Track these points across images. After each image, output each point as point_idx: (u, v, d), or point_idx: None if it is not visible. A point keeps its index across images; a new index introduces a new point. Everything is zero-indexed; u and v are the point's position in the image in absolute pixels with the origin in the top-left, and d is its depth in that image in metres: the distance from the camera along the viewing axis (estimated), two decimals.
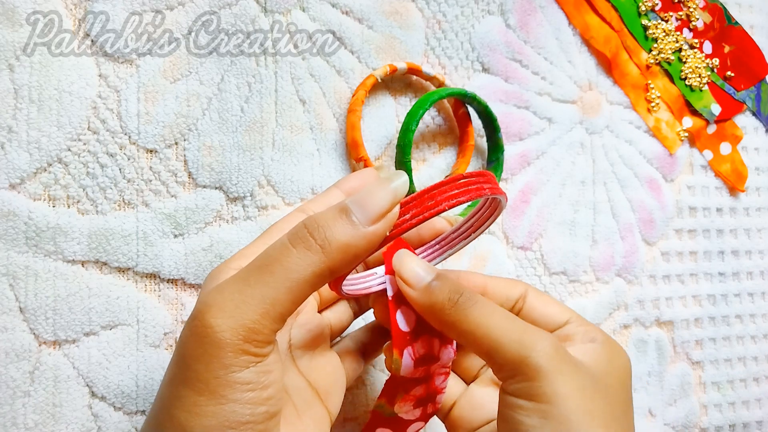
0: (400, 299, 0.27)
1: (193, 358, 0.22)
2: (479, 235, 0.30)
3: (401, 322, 0.27)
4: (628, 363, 0.29)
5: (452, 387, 0.32)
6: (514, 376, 0.24)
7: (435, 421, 0.42)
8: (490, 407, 0.31)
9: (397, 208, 0.25)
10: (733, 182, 0.54)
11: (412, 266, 0.26)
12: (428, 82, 0.43)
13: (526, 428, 0.23)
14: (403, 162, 0.39)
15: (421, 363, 0.28)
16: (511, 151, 0.45)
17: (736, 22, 0.55)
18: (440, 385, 0.30)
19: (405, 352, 0.27)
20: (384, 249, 0.28)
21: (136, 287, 0.36)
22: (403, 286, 0.26)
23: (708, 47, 0.54)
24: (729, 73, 0.55)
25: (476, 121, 0.44)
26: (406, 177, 0.25)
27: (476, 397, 0.32)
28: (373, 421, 0.31)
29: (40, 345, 0.34)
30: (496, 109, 0.44)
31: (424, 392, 0.30)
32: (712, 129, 0.54)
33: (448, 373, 0.30)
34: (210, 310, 0.22)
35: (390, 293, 0.27)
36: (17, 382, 0.33)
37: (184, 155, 0.37)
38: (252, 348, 0.22)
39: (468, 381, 0.33)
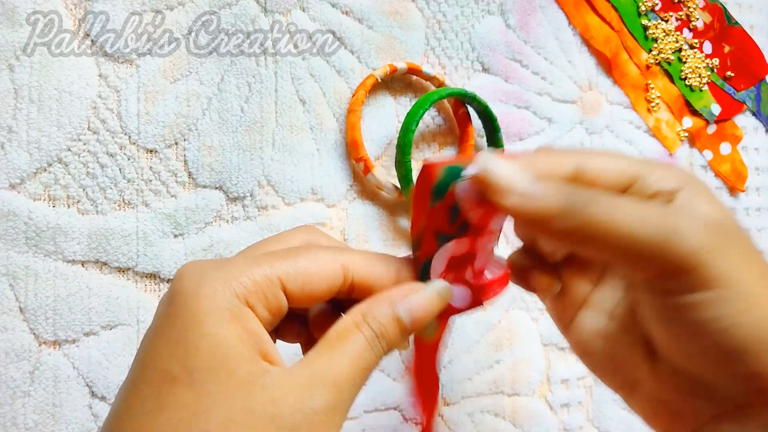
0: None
1: None
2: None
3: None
4: (709, 188, 0.24)
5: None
6: (665, 272, 0.21)
7: (436, 421, 0.42)
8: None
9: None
10: (733, 182, 0.54)
11: (506, 167, 0.21)
12: (428, 82, 0.43)
13: (711, 322, 0.20)
14: (403, 162, 0.39)
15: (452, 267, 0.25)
16: (511, 151, 0.45)
17: (736, 22, 0.55)
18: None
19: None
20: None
21: (136, 287, 0.36)
22: (494, 195, 0.22)
23: (708, 47, 0.54)
24: (729, 73, 0.55)
25: (476, 121, 0.44)
26: (450, 290, 0.24)
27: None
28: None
29: (40, 345, 0.34)
30: (496, 109, 0.44)
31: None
32: (712, 129, 0.54)
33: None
34: None
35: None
36: (17, 382, 0.33)
37: (184, 155, 0.37)
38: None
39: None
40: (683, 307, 0.21)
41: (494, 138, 0.44)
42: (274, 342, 0.26)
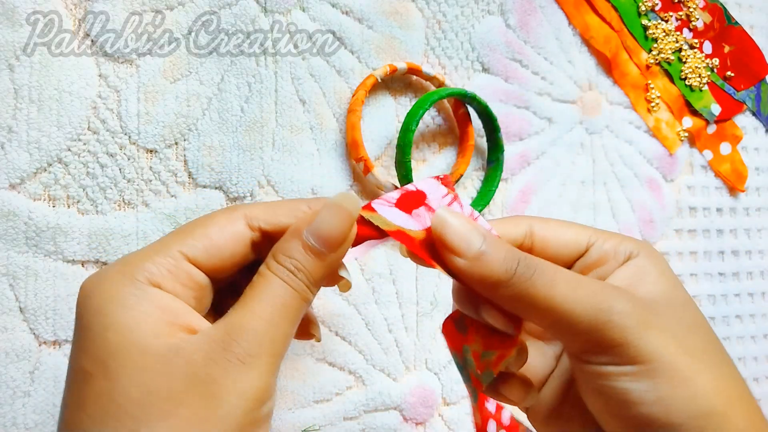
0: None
1: None
2: None
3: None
4: (665, 260, 0.25)
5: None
6: (596, 346, 0.22)
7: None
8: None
9: (354, 229, 0.23)
10: (733, 182, 0.54)
11: (460, 229, 0.22)
12: (428, 82, 0.43)
13: (636, 394, 0.21)
14: (403, 162, 0.39)
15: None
16: (511, 151, 0.45)
17: (736, 22, 0.55)
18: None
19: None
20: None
21: None
22: (448, 256, 0.22)
23: (708, 47, 0.54)
24: (729, 73, 0.55)
25: (476, 121, 0.44)
26: (353, 197, 0.23)
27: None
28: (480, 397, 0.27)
29: (40, 345, 0.34)
30: (496, 109, 0.44)
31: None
32: (712, 129, 0.54)
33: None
34: None
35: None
36: (17, 382, 0.33)
37: (184, 155, 0.37)
38: None
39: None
40: (609, 377, 0.22)
41: (494, 138, 0.44)
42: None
